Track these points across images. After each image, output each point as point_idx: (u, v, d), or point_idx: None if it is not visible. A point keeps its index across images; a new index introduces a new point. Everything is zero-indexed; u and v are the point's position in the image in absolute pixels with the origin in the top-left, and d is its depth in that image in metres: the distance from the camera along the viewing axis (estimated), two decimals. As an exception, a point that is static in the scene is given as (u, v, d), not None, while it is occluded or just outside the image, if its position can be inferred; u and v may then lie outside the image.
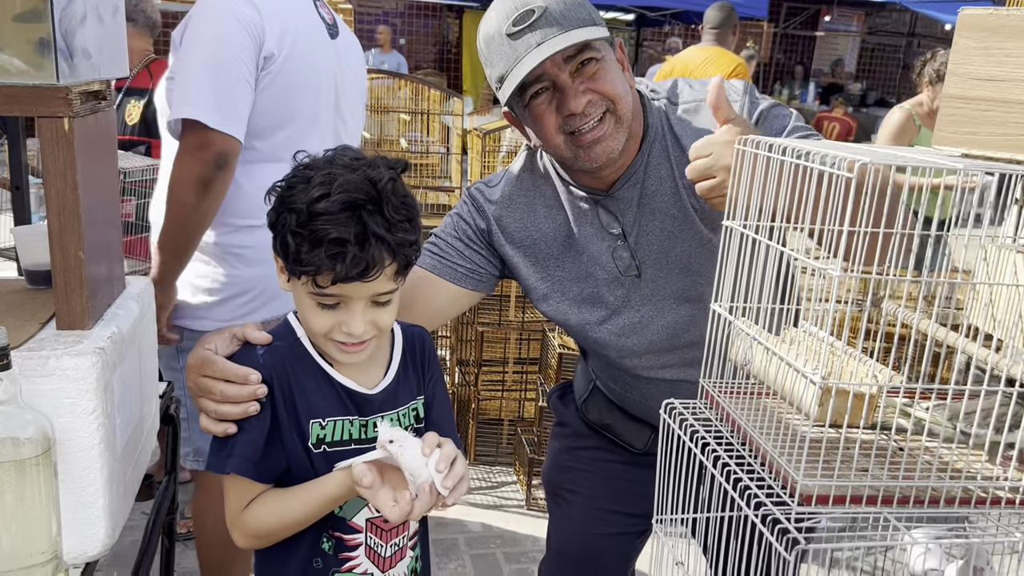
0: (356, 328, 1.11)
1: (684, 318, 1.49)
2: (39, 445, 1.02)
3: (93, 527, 1.12)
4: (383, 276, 1.10)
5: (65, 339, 1.13)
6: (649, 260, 1.47)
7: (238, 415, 1.12)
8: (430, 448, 1.05)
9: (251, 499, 1.16)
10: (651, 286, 1.48)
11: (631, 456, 1.69)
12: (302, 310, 1.15)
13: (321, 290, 1.09)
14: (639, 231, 1.46)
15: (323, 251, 1.05)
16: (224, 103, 1.75)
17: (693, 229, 1.43)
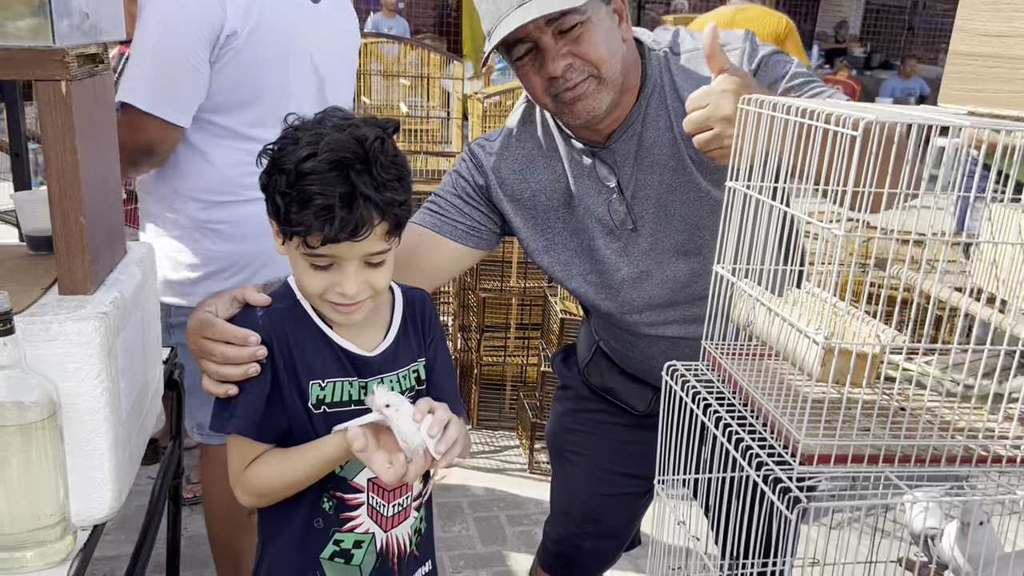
0: (349, 288, 1.11)
1: (684, 272, 1.49)
2: (44, 409, 1.03)
3: (100, 490, 1.13)
4: (374, 236, 1.09)
5: (68, 304, 1.13)
6: (646, 214, 1.46)
7: (238, 376, 1.13)
8: (421, 414, 1.05)
9: (253, 458, 1.17)
10: (649, 240, 1.48)
11: (633, 418, 1.69)
12: (297, 271, 1.15)
13: (312, 251, 1.09)
14: (636, 184, 1.45)
15: (311, 212, 1.05)
16: (163, 88, 1.74)
17: (691, 182, 1.42)
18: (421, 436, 1.04)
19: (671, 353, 1.54)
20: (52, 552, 1.06)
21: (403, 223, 1.14)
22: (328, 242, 1.07)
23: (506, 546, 2.77)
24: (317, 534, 1.20)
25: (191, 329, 1.17)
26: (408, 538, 1.26)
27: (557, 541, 1.80)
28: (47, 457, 1.04)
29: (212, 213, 1.89)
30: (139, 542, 1.44)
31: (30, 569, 1.04)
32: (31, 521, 1.04)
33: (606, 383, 1.71)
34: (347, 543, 1.20)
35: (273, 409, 1.15)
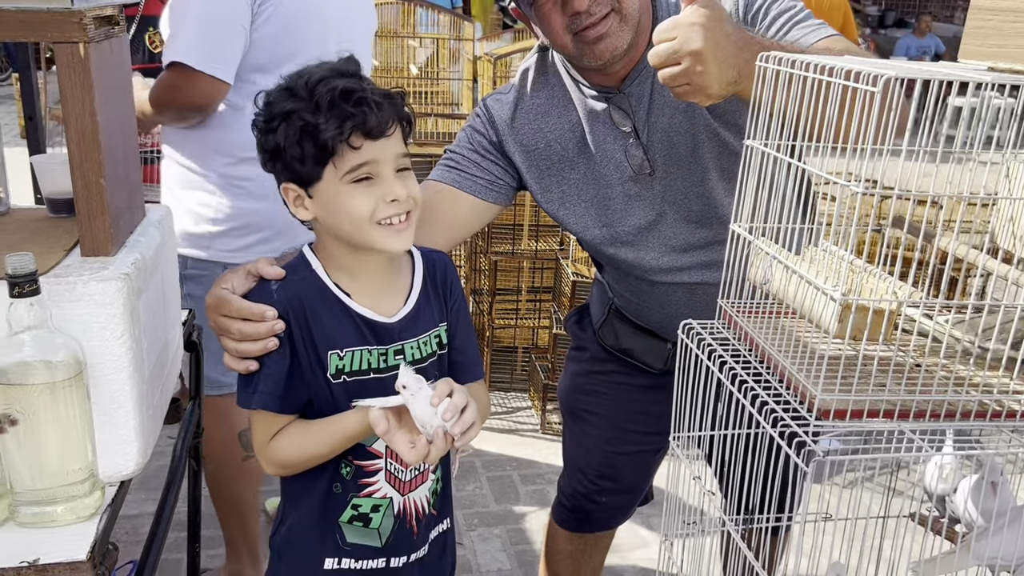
0: (398, 190, 1.13)
1: (700, 215, 1.49)
2: (71, 368, 1.05)
3: (126, 447, 1.15)
4: (397, 136, 1.15)
5: (90, 265, 1.14)
6: (661, 157, 1.46)
7: (258, 352, 1.14)
8: (439, 398, 1.07)
9: (277, 431, 1.19)
10: (664, 183, 1.48)
11: (650, 377, 1.71)
12: (339, 208, 1.14)
13: (354, 161, 1.11)
14: (651, 128, 1.45)
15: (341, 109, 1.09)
16: (212, 46, 1.80)
17: (703, 123, 1.42)
18: (438, 420, 1.06)
19: (689, 301, 1.55)
20: (82, 507, 1.08)
21: (409, 133, 1.17)
22: (367, 133, 1.10)
23: (519, 504, 2.81)
24: (336, 499, 1.22)
25: (209, 306, 1.18)
26: (426, 500, 1.28)
27: (572, 496, 1.82)
28: (75, 415, 1.06)
29: (239, 169, 1.91)
30: (162, 500, 1.47)
31: (61, 522, 1.07)
32: (61, 476, 1.07)
33: (621, 344, 1.72)
34: (365, 507, 1.22)
35: (294, 382, 1.17)
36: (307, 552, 1.24)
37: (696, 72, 1.10)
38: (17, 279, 1.00)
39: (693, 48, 1.09)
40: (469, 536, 2.62)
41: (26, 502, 1.07)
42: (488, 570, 2.46)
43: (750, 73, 1.13)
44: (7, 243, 1.21)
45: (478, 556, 2.53)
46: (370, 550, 1.24)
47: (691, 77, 1.11)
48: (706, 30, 1.08)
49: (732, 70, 1.12)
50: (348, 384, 1.18)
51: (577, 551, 1.86)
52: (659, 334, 1.66)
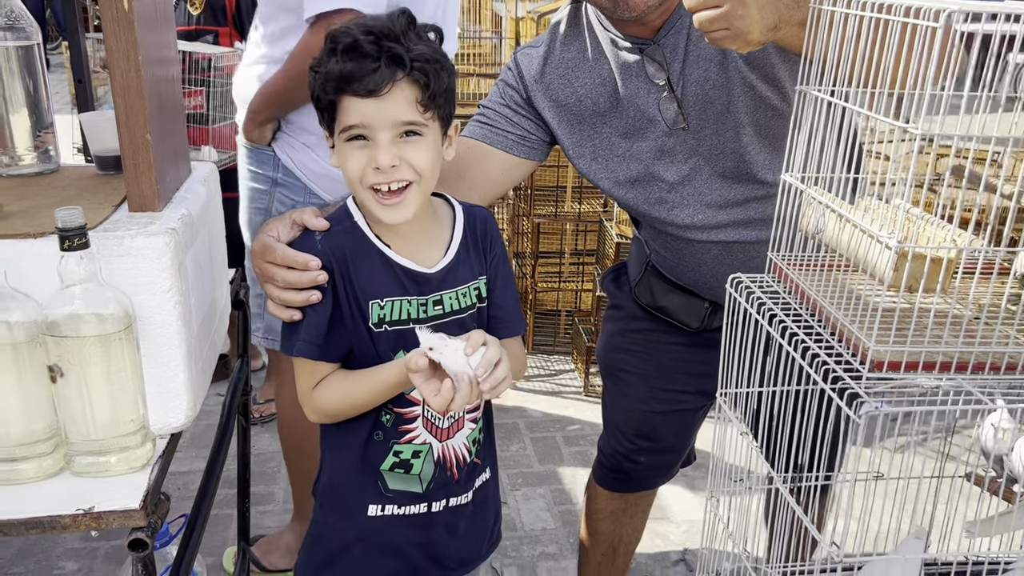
0: (382, 158, 1.11)
1: (733, 171, 1.45)
2: (121, 321, 1.06)
3: (176, 400, 1.17)
4: (402, 100, 1.10)
5: (138, 220, 1.15)
6: (695, 111, 1.42)
7: (301, 302, 1.15)
8: (473, 348, 1.06)
9: (319, 379, 1.20)
10: (698, 138, 1.44)
11: (686, 336, 1.69)
12: (342, 165, 1.15)
13: (345, 120, 1.10)
14: (686, 81, 1.41)
15: (337, 62, 1.08)
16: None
17: (739, 76, 1.38)
18: (468, 368, 1.05)
19: (724, 259, 1.52)
20: (134, 457, 1.11)
21: (436, 95, 1.12)
22: (353, 92, 1.08)
23: (562, 464, 2.82)
24: (377, 446, 1.23)
25: (254, 252, 1.19)
26: (466, 448, 1.28)
27: (611, 456, 1.82)
28: (125, 367, 1.08)
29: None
30: (212, 457, 1.50)
31: (114, 472, 1.09)
32: (113, 428, 1.09)
33: (657, 302, 1.70)
34: (406, 454, 1.23)
35: (335, 331, 1.18)
36: (350, 500, 1.25)
37: (736, 16, 1.05)
38: (67, 232, 1.01)
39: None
40: (513, 496, 2.64)
41: (81, 452, 1.09)
42: (532, 528, 2.48)
43: (790, 19, 1.09)
44: (57, 199, 1.23)
45: (522, 515, 2.55)
46: (412, 496, 1.25)
47: (731, 21, 1.06)
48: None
49: (773, 15, 1.07)
50: (389, 333, 1.19)
51: (618, 510, 1.86)
52: (695, 292, 1.64)
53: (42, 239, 1.09)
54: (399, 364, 1.14)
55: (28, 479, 1.09)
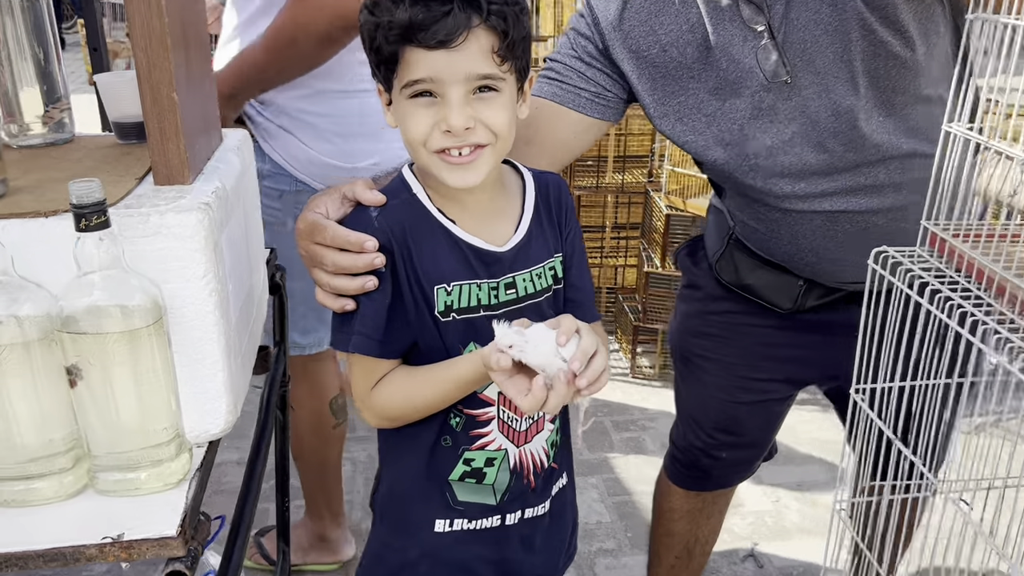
0: (454, 119, 0.94)
1: (845, 132, 1.26)
2: (149, 314, 0.90)
3: (214, 402, 1.01)
4: (477, 49, 0.93)
5: (165, 195, 0.99)
6: (800, 61, 1.22)
7: (355, 290, 0.99)
8: (566, 336, 0.89)
9: (379, 378, 1.04)
10: (804, 92, 1.24)
11: (775, 318, 1.51)
12: (402, 126, 0.98)
13: (409, 75, 0.93)
14: (789, 25, 1.21)
15: (403, 7, 0.90)
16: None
17: (856, 17, 1.18)
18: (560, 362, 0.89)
19: (827, 231, 1.33)
20: (168, 472, 0.95)
21: (515, 45, 0.96)
22: (421, 43, 0.91)
23: (613, 451, 2.66)
24: (445, 453, 1.07)
25: (300, 232, 1.02)
26: (544, 452, 1.12)
27: (687, 451, 1.65)
28: (156, 367, 0.91)
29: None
30: (251, 458, 1.34)
31: (146, 491, 0.93)
32: (143, 438, 0.93)
33: (743, 279, 1.52)
34: (478, 461, 1.07)
35: (396, 322, 1.01)
36: (414, 513, 1.10)
37: None
38: (83, 210, 0.85)
39: None
40: (563, 486, 2.48)
41: (106, 467, 0.93)
42: (586, 522, 2.32)
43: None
44: (72, 172, 1.06)
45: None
46: (484, 508, 1.09)
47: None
48: None
49: None
50: (458, 323, 1.02)
51: (694, 510, 1.69)
52: (788, 269, 1.45)
53: (54, 218, 0.93)
54: (473, 359, 0.98)
55: (46, 500, 0.93)
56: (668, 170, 2.88)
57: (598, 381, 0.89)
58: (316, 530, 2.13)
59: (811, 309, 1.47)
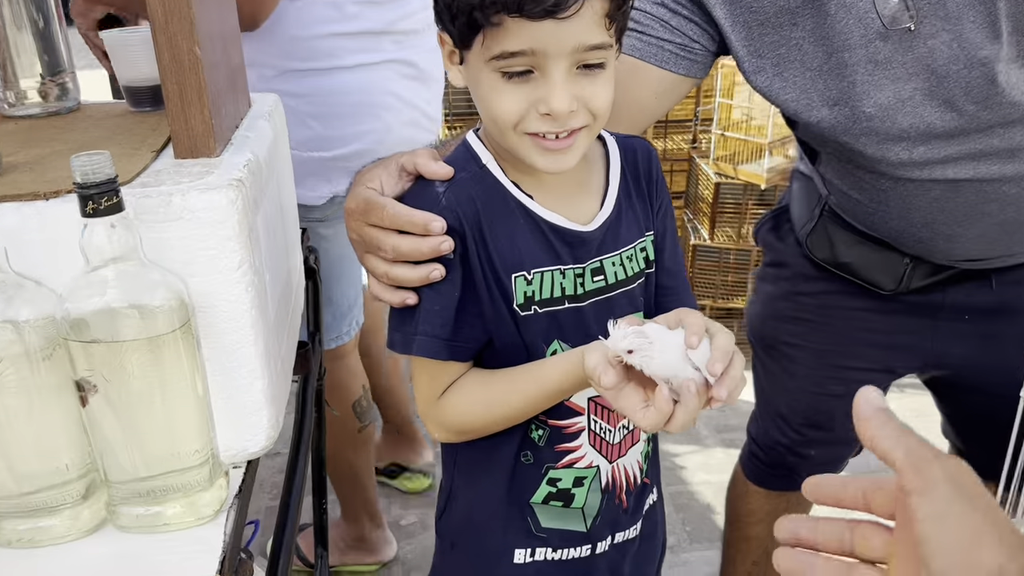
0: (558, 101, 0.77)
1: (979, 87, 1.06)
2: (175, 315, 0.74)
3: (253, 416, 0.85)
4: (590, 14, 0.75)
5: (189, 170, 0.82)
6: (928, 3, 1.03)
7: (419, 281, 0.82)
8: (698, 337, 0.72)
9: (448, 384, 0.87)
10: (930, 41, 1.05)
11: (875, 300, 1.33)
12: (481, 98, 0.81)
13: (502, 46, 0.75)
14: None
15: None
16: None
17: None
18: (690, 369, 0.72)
19: (947, 202, 1.15)
20: (202, 503, 0.79)
21: (624, 6, 0.79)
22: (527, 14, 0.73)
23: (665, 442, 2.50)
24: (526, 472, 0.91)
25: (351, 211, 0.86)
26: (638, 466, 0.96)
27: (770, 449, 1.49)
28: (184, 379, 0.76)
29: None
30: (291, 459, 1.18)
31: (175, 526, 0.78)
32: (171, 462, 0.77)
33: (839, 257, 1.34)
34: (565, 481, 0.91)
35: (467, 318, 0.85)
36: (490, 542, 0.94)
37: None
38: (91, 190, 0.68)
39: None
40: (613, 476, 2.32)
41: (127, 499, 0.78)
42: (640, 516, 2.17)
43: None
44: (77, 145, 0.90)
45: (627, 500, 2.24)
46: (572, 536, 0.93)
47: None
48: None
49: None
50: (540, 316, 0.86)
51: (777, 511, 1.52)
52: (893, 245, 1.28)
53: (56, 201, 0.77)
54: (565, 363, 0.81)
55: (57, 539, 0.78)
56: (717, 134, 2.68)
57: (738, 389, 0.73)
58: (354, 532, 1.98)
59: (917, 290, 1.29)
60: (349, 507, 1.97)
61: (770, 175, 2.58)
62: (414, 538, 2.16)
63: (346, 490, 1.94)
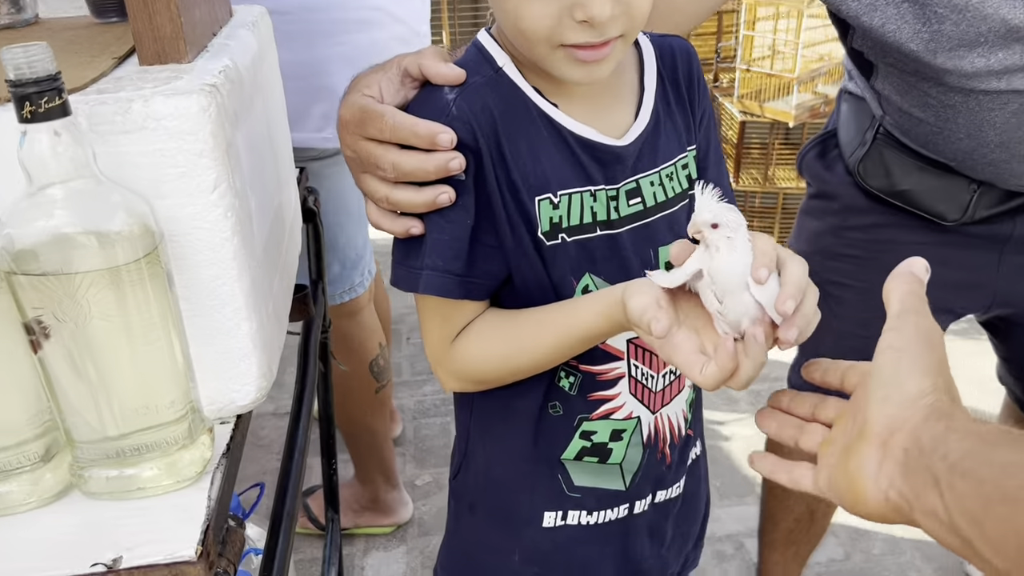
0: (598, 5, 0.64)
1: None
2: (138, 243, 0.62)
3: (240, 364, 0.74)
4: None
5: (155, 76, 0.70)
6: None
7: (424, 206, 0.70)
8: (768, 271, 0.59)
9: (461, 327, 0.75)
10: None
11: (934, 233, 1.21)
12: (510, 9, 0.68)
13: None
14: None
15: None
16: None
17: None
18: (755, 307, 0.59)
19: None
20: (182, 464, 0.68)
21: None
22: None
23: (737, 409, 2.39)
24: (555, 425, 0.79)
25: (346, 122, 0.73)
26: (683, 416, 0.85)
27: (814, 397, 1.37)
28: (153, 319, 0.64)
29: None
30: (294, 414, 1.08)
31: (153, 491, 0.67)
32: (143, 416, 0.66)
33: (896, 185, 1.21)
34: (602, 434, 0.80)
35: (483, 249, 0.73)
36: (514, 504, 0.83)
37: None
38: (27, 88, 0.56)
39: None
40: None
41: (96, 460, 0.67)
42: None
43: None
44: (29, 55, 0.77)
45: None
46: (609, 495, 0.82)
47: None
48: None
49: None
50: (568, 247, 0.74)
51: (820, 463, 1.41)
52: (958, 169, 1.14)
53: (-9, 108, 0.64)
54: (601, 304, 0.69)
55: (15, 507, 0.67)
56: (741, 70, 2.53)
57: (808, 329, 0.61)
58: (368, 493, 1.89)
59: (982, 220, 1.16)
60: (363, 468, 1.87)
61: (798, 112, 2.43)
62: (430, 498, 2.07)
63: (361, 452, 1.84)
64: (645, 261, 0.78)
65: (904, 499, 0.47)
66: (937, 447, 0.45)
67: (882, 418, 0.48)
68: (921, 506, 0.45)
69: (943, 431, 0.45)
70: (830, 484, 0.53)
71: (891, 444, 0.47)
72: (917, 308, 0.52)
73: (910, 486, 0.46)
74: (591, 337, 0.71)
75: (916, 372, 0.49)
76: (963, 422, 0.46)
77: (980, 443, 0.43)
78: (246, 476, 1.98)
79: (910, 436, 0.46)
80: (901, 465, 0.47)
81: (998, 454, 0.42)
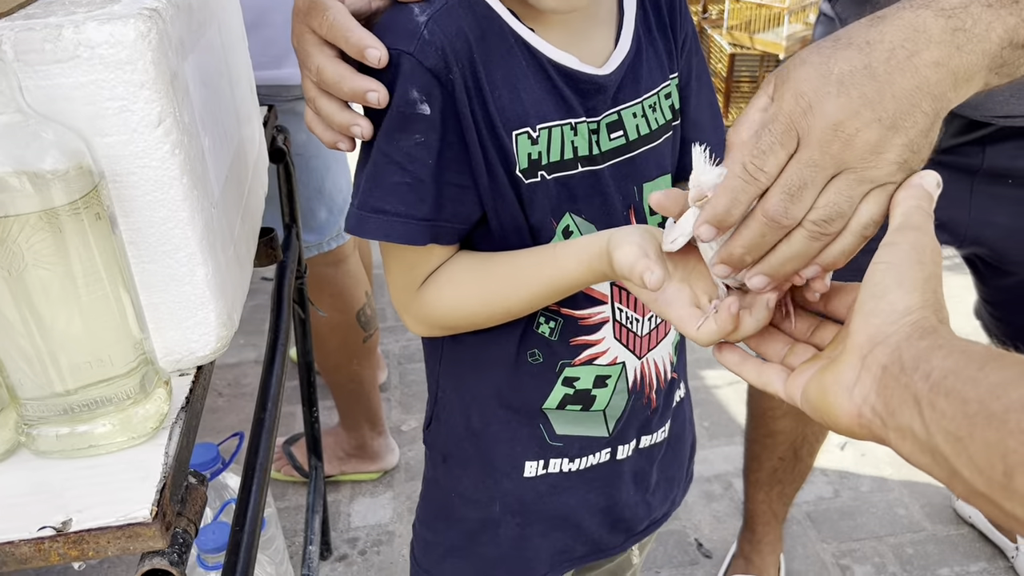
0: None
1: None
2: (76, 183, 0.57)
3: (198, 312, 0.69)
4: None
5: (87, 1, 0.64)
6: None
7: (339, 128, 0.65)
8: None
9: (429, 272, 0.71)
10: None
11: None
12: None
13: None
14: None
15: None
16: None
17: None
18: None
19: None
20: (138, 419, 0.64)
21: None
22: None
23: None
24: (534, 372, 0.76)
25: (297, 9, 0.68)
26: (669, 359, 0.81)
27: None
28: (96, 265, 0.59)
29: None
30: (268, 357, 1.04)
31: (106, 448, 0.63)
32: (92, 370, 0.62)
33: None
34: (585, 381, 0.76)
35: (454, 191, 0.68)
36: (492, 454, 0.79)
37: None
38: (-65, 11, 0.50)
39: None
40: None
41: (44, 417, 0.63)
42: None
43: None
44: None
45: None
46: (590, 442, 0.79)
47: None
48: None
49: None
50: (547, 184, 0.69)
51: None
52: None
53: (-96, 35, 0.59)
54: (583, 251, 0.65)
55: (-41, 468, 0.63)
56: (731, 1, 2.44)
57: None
58: (354, 440, 1.87)
59: (947, 150, 1.12)
60: (349, 415, 1.84)
61: (789, 43, 2.36)
62: (416, 444, 2.05)
63: (348, 399, 1.81)
64: (628, 198, 0.73)
65: (877, 415, 0.45)
66: (919, 365, 0.43)
67: (865, 332, 0.47)
68: (896, 423, 0.44)
69: (926, 348, 0.44)
70: (803, 392, 0.52)
71: (870, 359, 0.46)
72: (918, 224, 0.50)
73: (884, 403, 0.45)
74: (572, 287, 0.67)
75: (904, 288, 0.47)
76: (948, 339, 0.44)
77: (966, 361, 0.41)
78: (228, 426, 1.96)
79: (892, 353, 0.45)
80: (878, 381, 0.45)
81: (985, 373, 0.40)
